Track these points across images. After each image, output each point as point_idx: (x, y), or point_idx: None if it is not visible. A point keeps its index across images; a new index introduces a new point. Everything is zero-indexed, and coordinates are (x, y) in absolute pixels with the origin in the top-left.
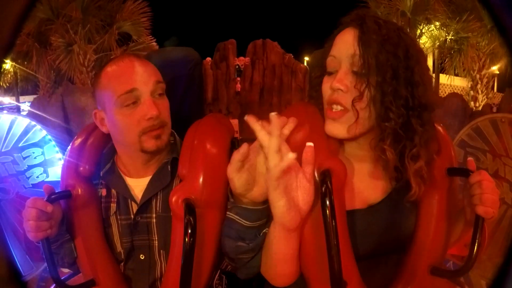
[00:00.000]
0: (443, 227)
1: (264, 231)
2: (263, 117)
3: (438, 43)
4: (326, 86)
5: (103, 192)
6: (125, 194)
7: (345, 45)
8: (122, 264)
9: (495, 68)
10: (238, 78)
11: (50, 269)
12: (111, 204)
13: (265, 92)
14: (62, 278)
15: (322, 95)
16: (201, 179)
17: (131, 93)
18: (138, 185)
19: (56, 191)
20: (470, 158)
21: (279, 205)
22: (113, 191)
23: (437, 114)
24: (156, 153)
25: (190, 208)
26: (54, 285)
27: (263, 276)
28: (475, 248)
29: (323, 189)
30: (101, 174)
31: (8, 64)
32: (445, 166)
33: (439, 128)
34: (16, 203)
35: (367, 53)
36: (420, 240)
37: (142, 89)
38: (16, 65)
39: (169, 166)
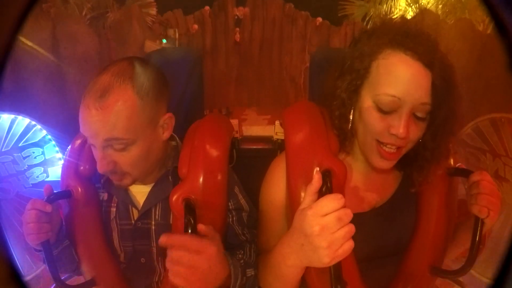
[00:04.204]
0: (443, 227)
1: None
2: (261, 69)
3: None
4: (380, 125)
5: (105, 196)
6: (126, 200)
7: (418, 91)
8: (122, 265)
9: None
10: (237, 29)
11: (51, 269)
12: (111, 209)
13: (264, 44)
14: (62, 278)
15: (366, 126)
16: (201, 179)
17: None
18: (140, 192)
19: (56, 191)
20: (459, 164)
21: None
22: (114, 196)
23: (447, 39)
24: None
25: (190, 208)
26: (54, 285)
27: None
28: (475, 248)
29: (323, 189)
30: (102, 181)
31: None
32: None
33: None
34: (16, 203)
35: (437, 103)
36: (420, 240)
37: (93, 142)
38: None
39: (170, 177)
